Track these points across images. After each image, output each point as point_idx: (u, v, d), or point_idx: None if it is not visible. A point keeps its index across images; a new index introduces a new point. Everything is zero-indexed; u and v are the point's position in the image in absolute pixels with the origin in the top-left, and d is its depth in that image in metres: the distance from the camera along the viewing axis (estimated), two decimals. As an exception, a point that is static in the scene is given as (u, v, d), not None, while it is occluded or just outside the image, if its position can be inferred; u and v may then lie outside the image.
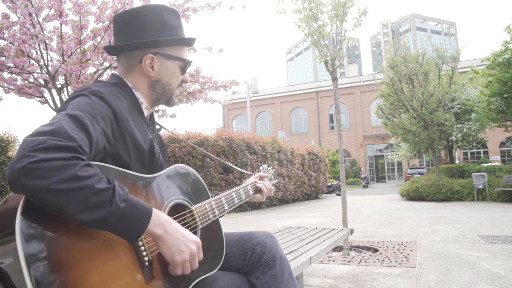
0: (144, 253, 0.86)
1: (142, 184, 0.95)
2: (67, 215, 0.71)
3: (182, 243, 0.87)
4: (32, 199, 0.70)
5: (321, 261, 3.68)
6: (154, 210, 0.84)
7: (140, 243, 0.86)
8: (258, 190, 1.45)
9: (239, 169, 1.58)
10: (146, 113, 1.15)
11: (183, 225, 0.98)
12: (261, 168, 1.60)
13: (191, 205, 1.08)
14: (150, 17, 1.10)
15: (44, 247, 0.68)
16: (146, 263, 0.86)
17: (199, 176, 1.18)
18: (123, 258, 0.81)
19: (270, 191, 1.48)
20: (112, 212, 0.74)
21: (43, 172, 0.68)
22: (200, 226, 1.08)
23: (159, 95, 1.16)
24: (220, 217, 1.18)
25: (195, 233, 1.07)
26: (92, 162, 0.79)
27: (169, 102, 1.20)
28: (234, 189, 1.29)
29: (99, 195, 0.73)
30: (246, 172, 1.60)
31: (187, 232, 0.91)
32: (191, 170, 1.16)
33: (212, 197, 1.20)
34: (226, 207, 1.21)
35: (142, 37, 1.08)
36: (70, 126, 0.79)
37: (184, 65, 1.18)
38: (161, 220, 0.85)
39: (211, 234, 1.14)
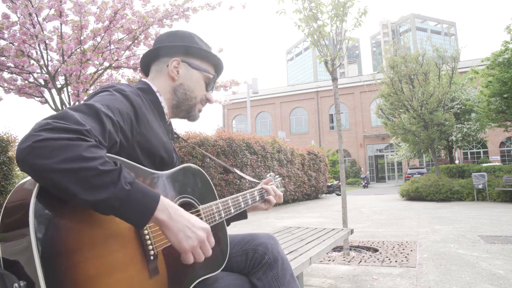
0: (150, 247, 0.87)
1: (152, 180, 0.96)
2: (70, 196, 0.71)
3: (188, 229, 0.85)
4: (37, 180, 0.71)
5: (321, 261, 3.68)
6: (162, 197, 0.83)
7: (147, 236, 0.87)
8: (264, 197, 1.43)
9: (248, 177, 1.57)
10: (166, 118, 1.18)
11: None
12: (267, 175, 1.60)
13: (199, 205, 1.09)
14: (182, 33, 1.23)
15: (55, 233, 0.70)
16: (152, 257, 0.86)
17: (208, 177, 1.19)
18: (129, 250, 0.82)
19: (278, 197, 1.46)
20: (116, 194, 0.73)
21: (47, 151, 0.69)
22: None
23: (180, 101, 1.18)
24: (225, 218, 1.19)
25: None
26: (101, 146, 0.79)
27: (189, 112, 1.21)
28: (241, 193, 1.30)
29: (103, 176, 0.72)
30: (254, 180, 1.59)
31: (194, 219, 0.89)
32: (200, 170, 1.17)
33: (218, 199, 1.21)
34: (232, 210, 1.21)
35: (172, 44, 1.20)
36: (82, 115, 0.81)
37: (208, 79, 1.22)
38: (166, 206, 0.83)
39: (216, 235, 1.15)
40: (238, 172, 1.53)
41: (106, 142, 0.83)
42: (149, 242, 0.87)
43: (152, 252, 0.87)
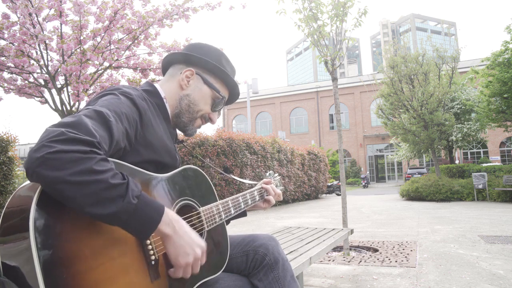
0: (151, 252, 0.87)
1: (153, 182, 0.96)
2: (78, 207, 0.71)
3: (189, 246, 0.87)
4: (47, 189, 0.71)
5: (321, 261, 3.68)
6: (166, 209, 0.84)
7: (148, 241, 0.87)
8: (264, 196, 1.43)
9: (247, 181, 1.58)
10: (170, 122, 1.18)
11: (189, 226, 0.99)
12: (267, 174, 1.60)
13: (199, 207, 1.09)
14: (213, 50, 1.23)
15: (56, 240, 0.69)
16: (153, 262, 0.87)
17: (208, 179, 1.19)
18: (130, 256, 0.82)
19: (277, 196, 1.46)
20: (124, 207, 0.74)
21: (60, 163, 0.69)
22: (207, 229, 1.09)
23: (182, 111, 1.17)
24: (226, 219, 1.19)
25: (201, 235, 1.07)
26: (108, 159, 0.80)
27: (186, 126, 1.19)
28: (241, 193, 1.30)
29: (113, 189, 0.73)
30: (251, 182, 1.59)
31: (194, 235, 0.91)
32: (200, 172, 1.17)
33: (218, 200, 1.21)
34: (233, 211, 1.22)
35: (194, 54, 1.19)
36: (93, 122, 0.81)
37: (217, 98, 1.21)
38: (171, 219, 0.85)
39: (216, 236, 1.15)
40: (236, 178, 1.54)
41: (111, 150, 0.85)
42: (150, 247, 0.87)
43: (153, 257, 0.87)
